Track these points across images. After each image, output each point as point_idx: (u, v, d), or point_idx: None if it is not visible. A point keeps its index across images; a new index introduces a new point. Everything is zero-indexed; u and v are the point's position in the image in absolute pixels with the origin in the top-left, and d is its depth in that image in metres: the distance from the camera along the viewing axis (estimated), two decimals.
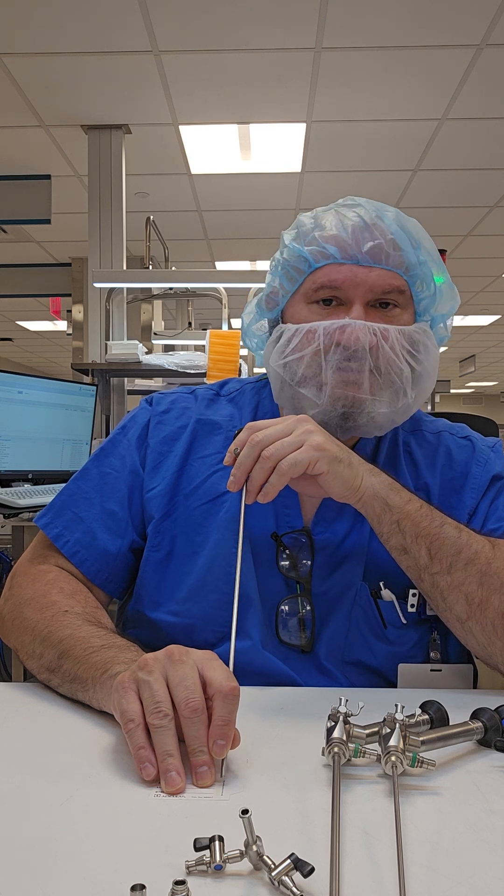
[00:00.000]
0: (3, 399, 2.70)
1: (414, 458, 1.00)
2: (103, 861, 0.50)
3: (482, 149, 4.28)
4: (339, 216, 0.90)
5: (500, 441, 1.05)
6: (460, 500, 0.96)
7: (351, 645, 0.91)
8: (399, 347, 0.89)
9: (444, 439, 1.02)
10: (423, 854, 0.51)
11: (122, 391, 3.95)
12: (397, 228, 0.90)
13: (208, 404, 1.04)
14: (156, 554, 0.95)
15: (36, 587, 0.91)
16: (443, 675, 0.92)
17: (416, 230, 0.92)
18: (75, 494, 0.98)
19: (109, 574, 0.96)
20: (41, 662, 0.83)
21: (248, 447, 0.81)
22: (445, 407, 15.07)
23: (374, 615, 0.91)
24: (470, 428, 1.06)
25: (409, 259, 0.90)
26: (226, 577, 0.91)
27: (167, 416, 1.02)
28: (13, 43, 3.25)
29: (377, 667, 0.91)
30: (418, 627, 0.92)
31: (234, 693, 0.63)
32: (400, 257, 0.89)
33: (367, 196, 0.95)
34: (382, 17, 3.05)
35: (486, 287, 7.52)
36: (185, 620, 0.92)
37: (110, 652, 0.76)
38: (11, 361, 12.02)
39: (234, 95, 3.71)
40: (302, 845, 0.52)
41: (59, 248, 6.06)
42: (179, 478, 0.97)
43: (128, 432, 1.02)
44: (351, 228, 0.89)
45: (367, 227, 0.89)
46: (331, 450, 0.81)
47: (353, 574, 0.92)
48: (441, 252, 3.59)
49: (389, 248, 0.88)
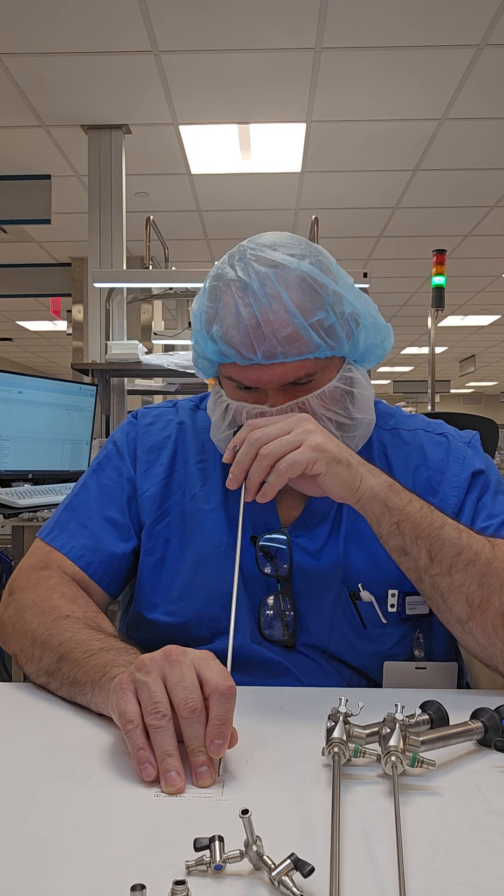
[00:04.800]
0: (3, 399, 2.70)
1: (389, 459, 1.00)
2: (103, 861, 0.50)
3: (482, 149, 4.28)
4: (235, 309, 0.86)
5: (477, 435, 1.04)
6: (440, 500, 0.96)
7: (334, 643, 0.92)
8: (323, 410, 0.90)
9: (419, 438, 1.02)
10: (423, 854, 0.51)
11: (122, 391, 3.95)
12: (296, 308, 0.84)
13: (190, 414, 1.08)
14: (150, 557, 0.98)
15: (37, 592, 0.91)
16: (427, 672, 0.93)
17: (323, 280, 0.86)
18: (78, 508, 1.01)
19: (114, 575, 0.98)
20: (40, 666, 0.83)
21: (246, 445, 0.82)
22: (445, 407, 15.07)
23: (353, 616, 0.93)
24: (469, 428, 1.06)
25: (314, 340, 0.85)
26: (213, 575, 0.94)
27: (152, 428, 1.06)
28: (13, 43, 3.25)
29: (360, 666, 0.93)
30: (400, 626, 0.93)
31: (231, 692, 0.63)
32: (303, 345, 0.85)
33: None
34: (382, 17, 3.05)
35: (486, 287, 7.52)
36: (180, 619, 0.94)
37: (109, 655, 0.76)
38: (11, 361, 12.02)
39: (234, 95, 3.71)
40: (302, 845, 0.52)
41: (59, 248, 6.06)
42: (168, 484, 1.01)
43: (119, 446, 1.05)
44: (244, 330, 0.85)
45: (259, 325, 0.84)
46: (330, 450, 0.81)
47: (332, 577, 0.93)
48: (441, 252, 3.59)
49: (286, 346, 0.84)
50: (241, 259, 0.88)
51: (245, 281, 0.86)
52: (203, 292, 0.92)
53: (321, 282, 0.86)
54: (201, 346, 0.92)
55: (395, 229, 5.67)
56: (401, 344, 10.98)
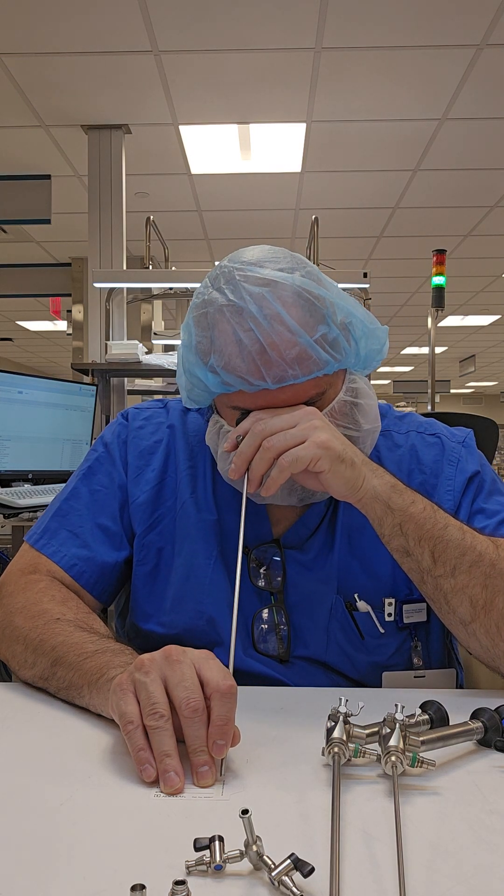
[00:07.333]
0: (3, 399, 2.70)
1: (382, 463, 0.97)
2: (103, 861, 0.50)
3: (482, 149, 4.28)
4: (235, 337, 0.80)
5: (471, 433, 1.02)
6: (436, 502, 0.94)
7: (331, 657, 0.91)
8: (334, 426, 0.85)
9: (411, 440, 1.00)
10: (423, 854, 0.51)
11: (122, 391, 3.95)
12: (299, 326, 0.80)
13: (180, 417, 1.04)
14: (143, 568, 0.96)
15: (27, 595, 0.89)
16: (426, 680, 0.92)
17: (319, 292, 0.82)
18: (68, 514, 0.98)
19: (106, 584, 0.96)
20: (34, 672, 0.82)
21: (249, 436, 0.80)
22: (445, 407, 15.07)
23: (350, 627, 0.91)
24: (467, 427, 1.04)
25: (322, 357, 0.81)
26: (202, 588, 0.92)
27: (143, 431, 1.02)
28: (13, 43, 3.25)
29: (358, 678, 0.92)
30: (397, 635, 0.92)
31: (232, 691, 0.63)
32: (312, 363, 0.81)
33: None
34: (382, 17, 3.05)
35: (486, 287, 7.52)
36: (172, 631, 0.93)
37: (105, 657, 0.75)
38: (11, 361, 12.02)
39: (234, 95, 3.71)
40: (302, 845, 0.52)
41: (59, 248, 6.06)
42: (160, 491, 0.98)
43: (111, 449, 1.02)
44: (249, 357, 0.80)
45: (264, 350, 0.79)
46: (334, 448, 0.79)
47: (327, 589, 0.92)
48: (441, 252, 3.59)
49: (296, 367, 0.80)
50: (229, 281, 0.82)
51: (239, 304, 0.80)
52: (190, 323, 0.86)
53: (317, 293, 0.82)
54: (199, 378, 0.85)
55: (395, 229, 5.67)
56: (401, 344, 10.98)
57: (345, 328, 0.86)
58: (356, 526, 0.93)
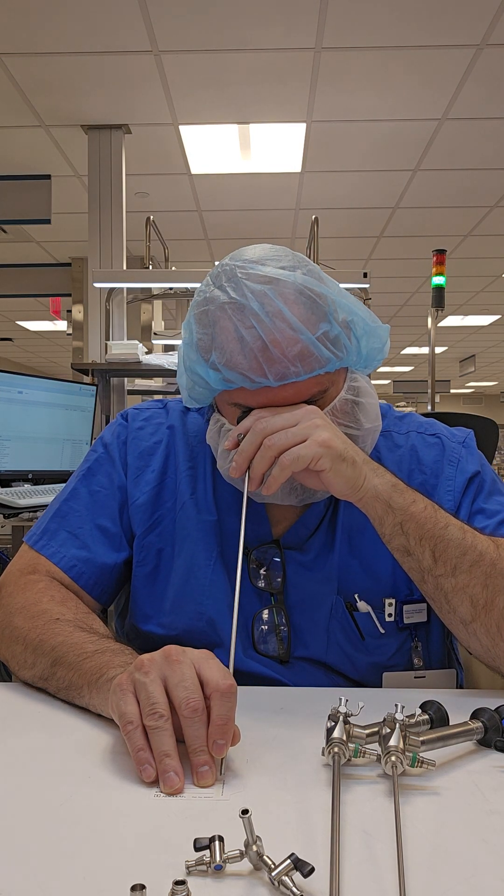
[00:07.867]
0: (3, 399, 2.70)
1: (382, 463, 0.95)
2: (103, 861, 0.50)
3: (482, 149, 4.28)
4: (236, 334, 0.80)
5: (471, 433, 1.02)
6: (436, 502, 0.94)
7: (331, 657, 0.91)
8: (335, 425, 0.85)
9: (411, 440, 1.00)
10: (423, 854, 0.51)
11: (122, 391, 3.95)
12: (301, 324, 0.80)
13: (180, 417, 1.04)
14: (142, 569, 0.96)
15: (26, 596, 0.89)
16: (427, 680, 0.92)
17: (320, 290, 0.82)
18: (68, 515, 0.97)
19: (105, 586, 0.96)
20: (34, 672, 0.82)
21: (251, 434, 0.80)
22: (445, 407, 15.07)
23: (350, 627, 0.91)
24: (467, 427, 1.04)
25: (324, 354, 0.81)
26: (201, 590, 0.92)
27: (142, 432, 1.02)
28: (13, 43, 3.25)
29: (358, 678, 0.92)
30: (397, 636, 0.92)
31: (231, 691, 0.63)
32: (314, 361, 0.81)
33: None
34: (382, 17, 3.05)
35: (486, 287, 7.52)
36: (172, 632, 0.93)
37: (104, 657, 0.75)
38: (11, 361, 12.02)
39: (234, 95, 3.71)
40: (302, 845, 0.52)
41: (59, 248, 6.06)
42: (160, 492, 0.98)
43: (110, 450, 1.01)
44: (251, 354, 0.80)
45: (266, 346, 0.79)
46: (336, 447, 0.79)
47: (327, 589, 0.92)
48: (441, 252, 3.59)
49: (297, 364, 0.80)
50: (231, 279, 0.82)
51: (241, 302, 0.80)
52: (191, 320, 0.86)
53: (318, 291, 0.82)
54: (200, 375, 0.85)
55: (396, 229, 5.67)
56: (401, 344, 10.98)
57: (346, 326, 0.86)
58: (356, 526, 0.93)
